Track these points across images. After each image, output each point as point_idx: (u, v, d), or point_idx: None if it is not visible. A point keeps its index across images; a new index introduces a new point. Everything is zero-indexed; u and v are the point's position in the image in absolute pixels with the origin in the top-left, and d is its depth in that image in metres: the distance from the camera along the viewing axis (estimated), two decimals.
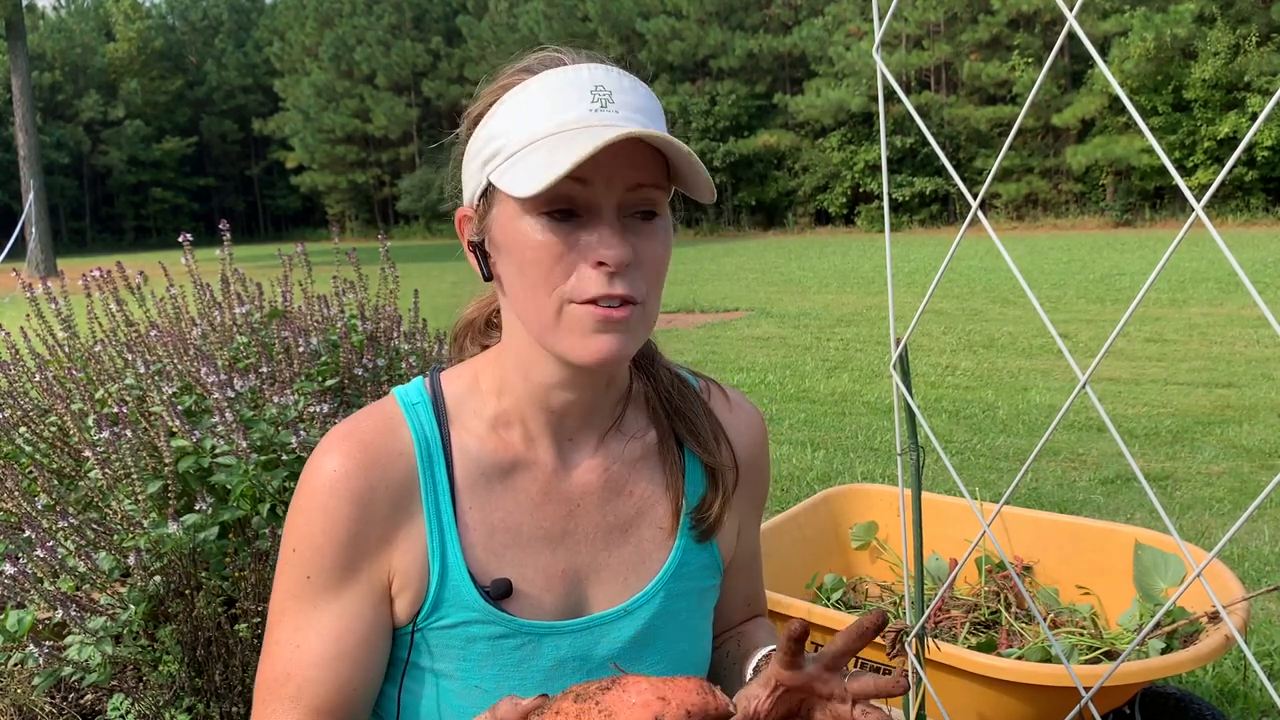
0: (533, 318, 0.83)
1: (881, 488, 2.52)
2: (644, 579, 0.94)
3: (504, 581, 0.88)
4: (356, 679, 0.87)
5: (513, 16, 40.56)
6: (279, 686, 0.87)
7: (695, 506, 0.96)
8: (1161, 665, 1.53)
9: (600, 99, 0.80)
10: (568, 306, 0.80)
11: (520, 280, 0.82)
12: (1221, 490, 4.13)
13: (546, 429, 0.92)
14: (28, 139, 24.35)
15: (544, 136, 0.79)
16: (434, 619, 0.88)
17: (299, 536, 0.87)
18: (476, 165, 0.86)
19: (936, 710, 1.53)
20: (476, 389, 0.93)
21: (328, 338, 2.41)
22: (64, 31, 54.91)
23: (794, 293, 13.25)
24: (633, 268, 0.81)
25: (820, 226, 35.40)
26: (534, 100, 0.81)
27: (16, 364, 2.33)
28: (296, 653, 0.87)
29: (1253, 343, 7.64)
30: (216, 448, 1.89)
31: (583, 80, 0.81)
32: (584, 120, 0.79)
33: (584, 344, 0.81)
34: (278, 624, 0.89)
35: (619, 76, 0.83)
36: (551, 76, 0.81)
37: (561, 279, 0.80)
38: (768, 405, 6.32)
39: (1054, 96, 30.13)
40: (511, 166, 0.80)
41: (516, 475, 0.91)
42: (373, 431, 0.89)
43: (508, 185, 0.79)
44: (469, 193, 0.88)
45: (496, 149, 0.82)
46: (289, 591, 0.88)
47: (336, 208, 50.67)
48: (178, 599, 1.80)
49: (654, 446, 0.97)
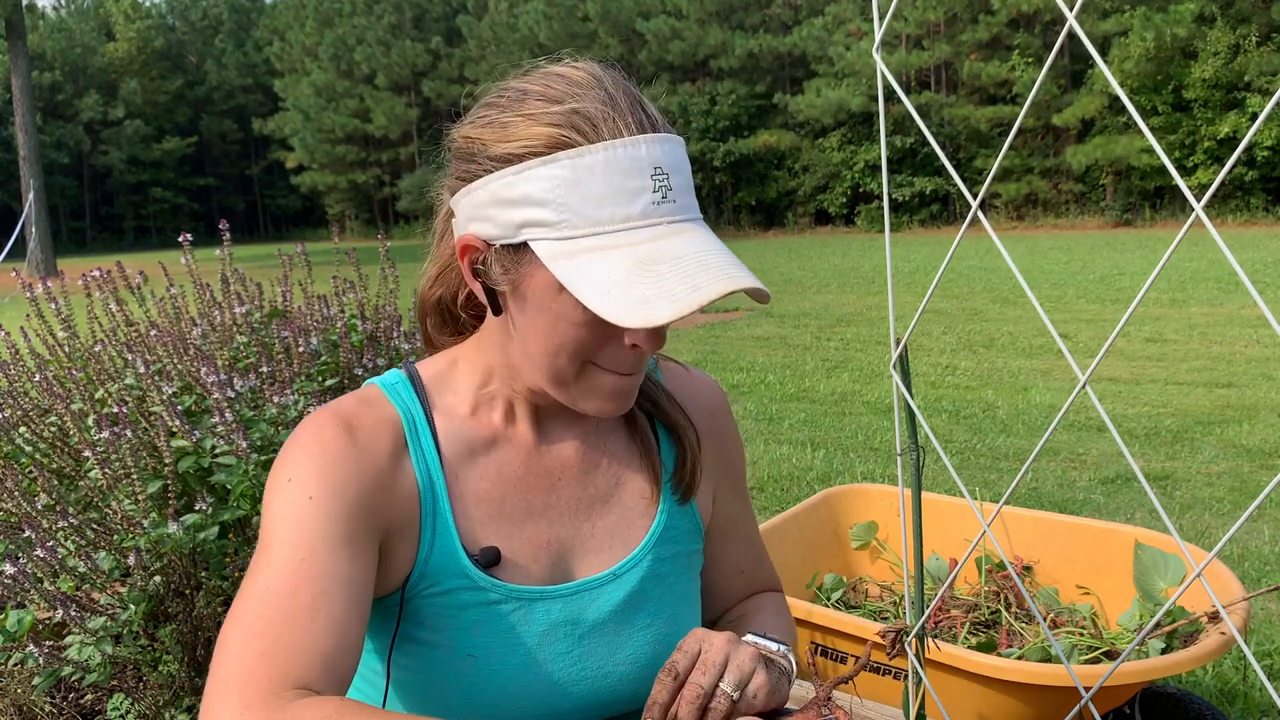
0: (546, 372, 0.85)
1: (881, 488, 2.52)
2: (630, 544, 0.97)
3: (492, 549, 0.89)
4: (360, 626, 0.79)
5: (513, 16, 40.53)
6: (286, 599, 0.74)
7: (672, 470, 1.00)
8: (1161, 665, 1.53)
9: (661, 187, 0.78)
10: (590, 368, 0.84)
11: (543, 340, 0.83)
12: (1221, 490, 4.13)
13: (526, 412, 0.95)
14: (28, 139, 24.34)
15: (610, 231, 0.77)
16: (424, 586, 0.88)
17: (296, 467, 0.82)
18: (506, 215, 0.80)
19: (936, 710, 1.53)
20: (454, 372, 0.95)
21: (328, 338, 2.41)
22: (64, 31, 54.90)
23: (794, 293, 13.24)
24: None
25: (820, 226, 35.38)
26: (595, 179, 0.77)
27: (16, 364, 2.33)
28: (304, 565, 0.77)
29: (1253, 343, 7.64)
30: (216, 448, 1.89)
31: (643, 161, 0.78)
32: (648, 216, 0.77)
33: (598, 405, 0.86)
34: (269, 547, 0.79)
35: (668, 146, 0.80)
36: (614, 153, 0.77)
37: (594, 351, 0.83)
38: (768, 405, 6.32)
39: (1054, 96, 30.12)
40: (571, 258, 0.77)
41: (497, 450, 0.93)
42: (357, 405, 0.89)
43: (576, 287, 0.76)
44: (483, 230, 0.83)
45: (544, 218, 0.78)
46: (286, 516, 0.80)
47: (336, 208, 50.64)
48: (178, 599, 1.80)
49: (625, 419, 1.00)
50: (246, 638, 0.73)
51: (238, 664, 0.72)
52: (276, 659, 0.72)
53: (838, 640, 1.84)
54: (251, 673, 0.71)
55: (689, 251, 0.77)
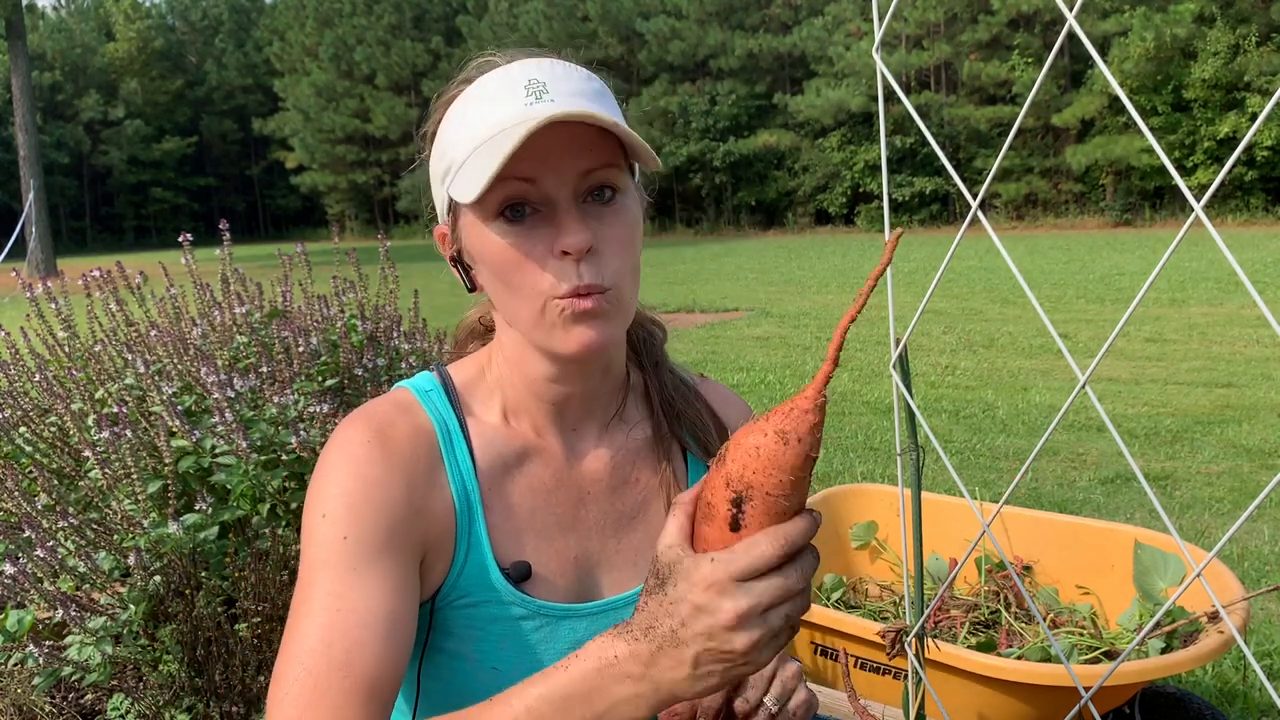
0: (520, 319, 0.84)
1: (881, 488, 2.52)
2: None
3: (524, 564, 0.89)
4: (400, 655, 0.79)
5: (513, 16, 40.54)
6: (320, 655, 0.75)
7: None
8: (1161, 665, 1.53)
9: (534, 90, 0.80)
10: (550, 303, 0.81)
11: (499, 286, 0.84)
12: (1221, 490, 4.13)
13: (550, 420, 0.93)
14: (28, 139, 24.35)
15: (484, 141, 0.79)
16: (455, 597, 0.88)
17: (329, 501, 0.81)
18: (437, 181, 0.87)
19: (936, 710, 1.53)
20: (483, 379, 0.94)
21: (327, 338, 2.41)
22: (64, 31, 54.92)
23: (794, 293, 13.24)
24: (597, 253, 0.80)
25: (820, 226, 35.38)
26: (471, 107, 0.82)
27: (16, 364, 2.33)
28: (338, 616, 0.76)
29: (1253, 343, 7.64)
30: (216, 448, 1.89)
31: (514, 77, 0.81)
32: (518, 116, 0.78)
33: (564, 337, 0.82)
34: (307, 596, 0.79)
35: (552, 65, 0.82)
36: (485, 80, 0.82)
37: (537, 277, 0.81)
38: (768, 405, 6.29)
39: (1054, 96, 30.12)
40: (459, 176, 0.81)
41: (529, 462, 0.92)
42: (393, 412, 0.88)
43: (457, 195, 0.80)
44: (439, 209, 0.89)
45: (449, 163, 0.83)
46: (320, 560, 0.79)
47: (336, 208, 50.64)
48: (178, 599, 1.80)
49: (654, 438, 0.99)
50: (285, 702, 0.75)
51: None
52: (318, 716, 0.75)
53: (838, 640, 1.84)
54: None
55: (542, 114, 0.76)
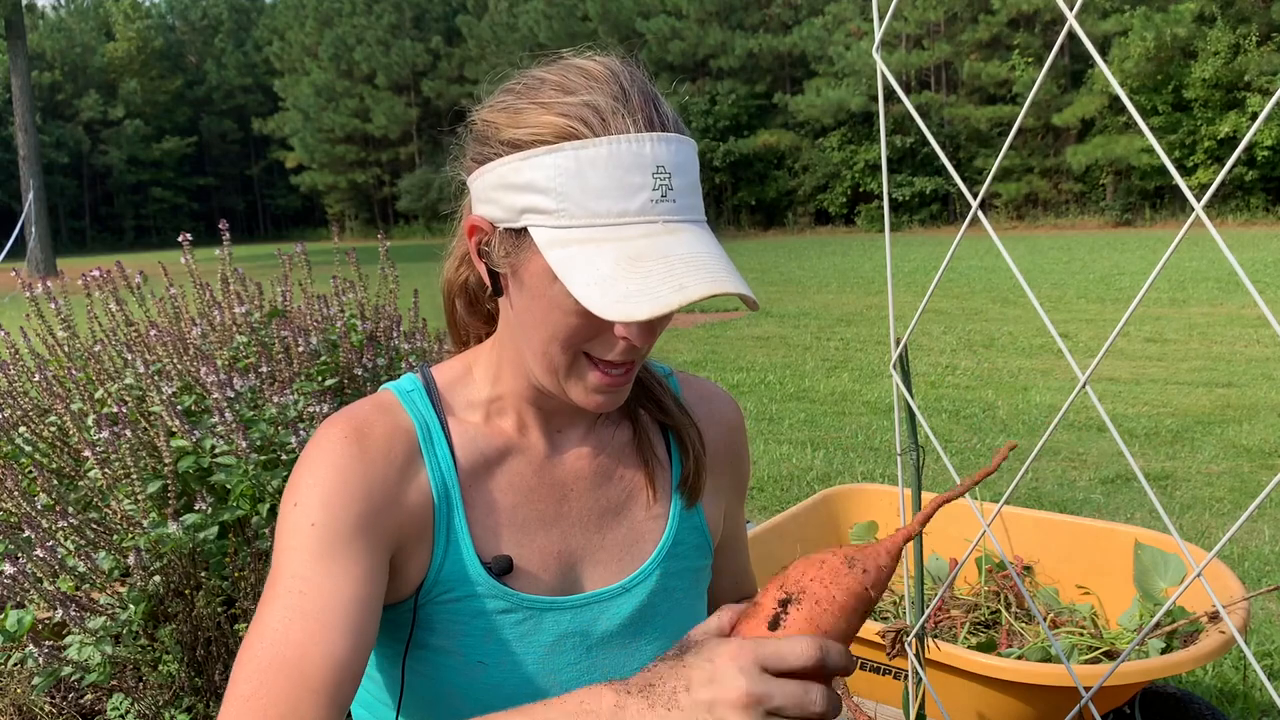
0: (540, 360, 0.85)
1: (881, 487, 2.52)
2: (639, 558, 0.97)
3: (505, 558, 0.90)
4: (362, 642, 0.80)
5: (513, 16, 40.54)
6: (277, 646, 0.77)
7: (680, 479, 1.00)
8: (1161, 665, 1.53)
9: (661, 186, 0.78)
10: (583, 359, 0.84)
11: (539, 327, 0.84)
12: (1221, 490, 4.13)
13: (537, 420, 0.95)
14: (27, 139, 24.34)
15: (605, 224, 0.77)
16: (437, 592, 0.88)
17: (302, 491, 0.83)
18: (510, 199, 0.81)
19: (936, 710, 1.53)
20: (469, 378, 0.95)
21: (327, 338, 2.41)
22: (64, 31, 54.93)
23: (794, 292, 13.24)
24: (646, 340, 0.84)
25: (820, 226, 35.39)
26: (596, 172, 0.77)
27: (16, 364, 2.33)
28: (301, 599, 0.79)
29: (1253, 343, 7.64)
30: (216, 448, 1.89)
31: (646, 159, 0.78)
32: (645, 213, 0.78)
33: (584, 396, 0.86)
34: (273, 581, 0.81)
35: (675, 147, 0.80)
36: (618, 148, 0.78)
37: (585, 336, 0.83)
38: (768, 405, 6.32)
39: (1054, 96, 30.12)
40: (565, 247, 0.78)
41: (510, 459, 0.93)
42: (373, 412, 0.90)
43: (566, 276, 0.77)
44: (489, 212, 0.84)
45: (544, 205, 0.79)
46: (289, 545, 0.81)
47: (336, 207, 50.65)
48: (178, 599, 1.80)
49: (640, 432, 1.01)
50: (242, 682, 0.76)
51: (241, 705, 0.75)
52: (272, 707, 0.75)
53: None
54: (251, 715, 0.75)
55: (680, 252, 0.77)
